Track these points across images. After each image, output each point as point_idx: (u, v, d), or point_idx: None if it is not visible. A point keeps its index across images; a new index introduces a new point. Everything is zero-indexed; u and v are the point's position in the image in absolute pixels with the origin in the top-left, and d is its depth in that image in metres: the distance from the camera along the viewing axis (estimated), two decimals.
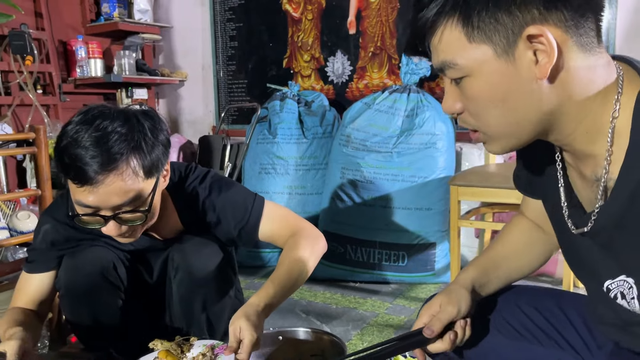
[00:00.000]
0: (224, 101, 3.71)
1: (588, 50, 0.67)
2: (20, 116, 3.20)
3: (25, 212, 2.07)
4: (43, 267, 1.37)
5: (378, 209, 2.60)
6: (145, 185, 1.17)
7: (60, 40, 3.48)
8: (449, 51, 0.70)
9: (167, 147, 1.23)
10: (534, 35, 0.65)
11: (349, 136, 2.72)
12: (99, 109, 1.17)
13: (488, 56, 0.67)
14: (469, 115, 0.74)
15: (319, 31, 3.28)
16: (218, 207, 1.36)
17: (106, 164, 1.09)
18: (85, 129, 1.10)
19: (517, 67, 0.67)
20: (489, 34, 0.66)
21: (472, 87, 0.70)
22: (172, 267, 1.41)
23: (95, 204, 1.13)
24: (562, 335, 0.92)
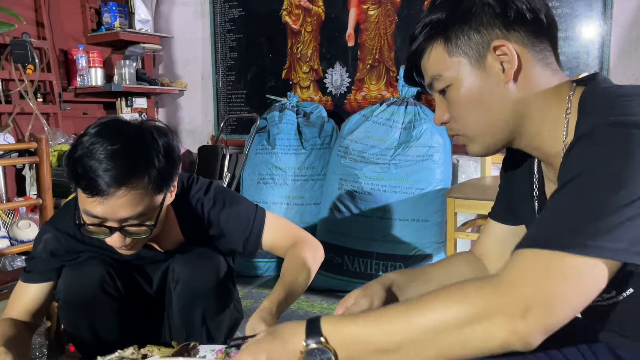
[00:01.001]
0: (223, 111, 3.73)
1: (546, 65, 0.83)
2: (21, 124, 3.22)
3: (25, 221, 2.08)
4: (41, 278, 1.37)
5: (375, 220, 2.62)
6: (154, 201, 1.18)
7: (61, 49, 3.51)
8: (435, 66, 0.86)
9: (178, 164, 1.25)
10: (498, 47, 0.80)
11: (347, 147, 2.75)
12: (115, 122, 1.18)
13: (465, 66, 0.83)
14: (454, 121, 0.88)
15: (318, 43, 3.31)
16: (222, 219, 1.38)
17: (119, 177, 1.10)
18: (101, 141, 1.12)
19: (488, 74, 0.82)
20: (464, 49, 0.82)
21: (455, 94, 0.85)
22: (173, 279, 1.42)
23: (103, 215, 1.14)
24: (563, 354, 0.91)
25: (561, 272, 0.64)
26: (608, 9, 2.52)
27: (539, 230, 0.70)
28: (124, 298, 1.41)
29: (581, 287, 0.65)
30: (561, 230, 0.66)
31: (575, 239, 0.65)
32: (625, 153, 0.66)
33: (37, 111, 3.11)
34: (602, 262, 0.64)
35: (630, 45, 2.50)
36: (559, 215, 0.68)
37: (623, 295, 0.79)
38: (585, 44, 2.59)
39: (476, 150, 0.89)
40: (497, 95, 0.82)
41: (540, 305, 0.64)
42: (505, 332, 0.64)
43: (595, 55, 2.57)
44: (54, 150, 3.12)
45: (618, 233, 0.64)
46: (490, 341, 0.65)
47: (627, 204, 0.64)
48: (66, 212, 1.35)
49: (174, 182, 1.25)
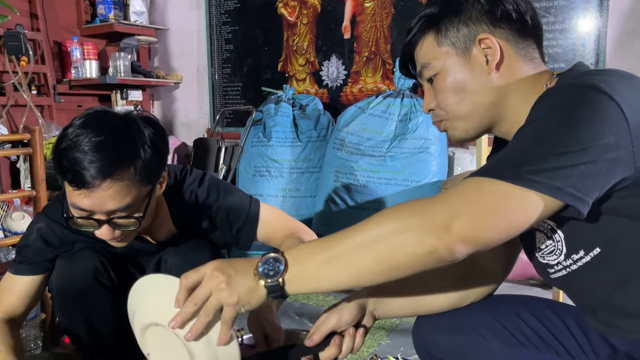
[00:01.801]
0: (218, 104, 3.72)
1: (529, 60, 0.88)
2: (15, 117, 3.20)
3: (19, 213, 2.07)
4: (33, 269, 1.35)
5: (371, 213, 2.60)
6: (141, 192, 1.17)
7: (55, 41, 3.48)
8: (425, 56, 0.91)
9: (166, 155, 1.24)
10: (483, 39, 0.86)
11: (342, 140, 2.74)
12: (101, 113, 1.17)
13: (451, 56, 0.88)
14: (439, 108, 0.92)
15: (314, 35, 3.30)
16: (216, 211, 1.37)
17: (104, 169, 1.09)
18: (85, 133, 1.10)
19: (472, 65, 0.88)
20: (452, 40, 0.88)
21: (441, 82, 0.90)
22: (165, 269, 1.41)
23: (90, 207, 1.13)
24: (559, 341, 0.93)
25: (490, 193, 0.70)
26: (604, 1, 2.52)
27: (484, 166, 0.76)
28: (118, 289, 1.41)
29: (507, 211, 0.70)
30: (504, 164, 0.72)
31: (512, 171, 0.70)
32: (579, 106, 0.71)
33: (31, 103, 3.09)
34: (534, 194, 0.69)
35: (627, 37, 2.50)
36: (507, 152, 0.74)
37: (591, 255, 0.81)
38: (582, 36, 2.59)
39: (457, 134, 0.93)
40: (480, 83, 0.87)
41: (465, 217, 0.69)
42: (432, 237, 0.69)
43: (591, 48, 2.56)
44: (48, 142, 3.10)
45: (556, 173, 0.68)
46: (419, 246, 0.70)
47: (571, 151, 0.69)
48: (59, 203, 1.34)
49: (162, 173, 1.24)
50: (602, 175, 0.70)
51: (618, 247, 0.79)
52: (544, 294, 2.36)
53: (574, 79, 0.79)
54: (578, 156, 0.68)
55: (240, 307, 0.76)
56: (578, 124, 0.70)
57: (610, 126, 0.70)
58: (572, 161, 0.68)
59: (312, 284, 0.75)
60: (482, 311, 0.99)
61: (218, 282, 0.75)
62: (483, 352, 0.96)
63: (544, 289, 2.43)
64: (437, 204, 0.71)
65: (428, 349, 1.02)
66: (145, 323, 0.85)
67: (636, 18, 2.47)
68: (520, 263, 1.04)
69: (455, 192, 0.72)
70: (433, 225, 0.69)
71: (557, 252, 0.86)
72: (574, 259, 0.84)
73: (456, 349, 0.97)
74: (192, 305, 0.76)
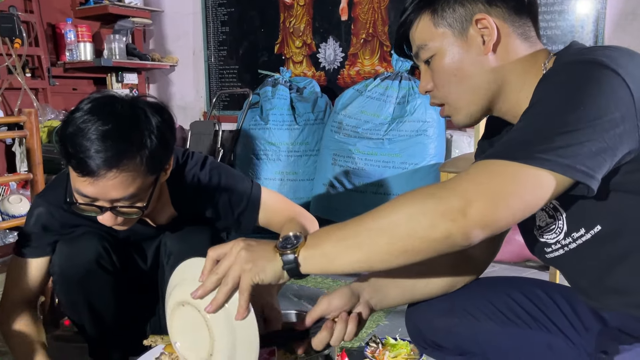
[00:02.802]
0: (215, 87, 3.69)
1: (525, 39, 0.88)
2: (9, 100, 3.17)
3: (16, 196, 2.07)
4: (36, 253, 1.35)
5: (369, 195, 2.62)
6: (146, 182, 1.16)
7: (49, 23, 3.44)
8: (421, 37, 0.90)
9: (173, 144, 1.22)
10: (479, 20, 0.85)
11: (340, 123, 2.73)
12: (108, 98, 1.15)
13: (448, 37, 0.88)
14: (437, 90, 0.92)
15: (311, 17, 3.27)
16: (218, 194, 1.37)
17: (110, 160, 1.07)
18: (93, 120, 1.08)
19: (469, 45, 0.87)
20: (449, 21, 0.87)
21: (439, 63, 0.89)
22: (165, 253, 1.42)
23: (94, 195, 1.13)
24: (550, 319, 0.94)
25: (503, 175, 0.70)
26: None
27: (495, 147, 0.75)
28: (120, 273, 1.41)
29: (521, 192, 0.70)
30: (515, 144, 0.72)
31: (523, 151, 0.70)
32: (581, 81, 0.72)
33: (25, 86, 3.07)
34: (545, 172, 0.69)
35: (626, 19, 2.48)
36: (515, 133, 0.74)
37: (591, 233, 0.82)
38: (580, 17, 2.57)
39: (461, 119, 0.92)
40: (477, 65, 0.87)
41: (480, 200, 0.69)
42: (447, 221, 0.69)
43: (590, 29, 2.55)
44: (44, 126, 3.08)
45: (565, 150, 0.68)
46: (433, 230, 0.70)
47: (580, 128, 0.69)
48: (58, 185, 1.33)
49: (167, 162, 1.23)
50: (610, 151, 0.70)
51: (619, 223, 0.79)
52: (540, 275, 2.38)
53: (575, 56, 0.78)
54: (586, 133, 0.68)
55: (255, 274, 0.77)
56: (584, 100, 0.70)
57: (616, 101, 0.70)
58: (580, 138, 0.68)
59: (326, 263, 0.76)
60: (473, 293, 1.00)
61: (239, 249, 0.77)
62: (476, 332, 0.97)
63: (540, 271, 2.45)
64: (451, 188, 0.71)
65: (422, 332, 1.03)
66: (173, 303, 0.86)
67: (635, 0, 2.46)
68: (517, 245, 1.05)
69: (468, 176, 0.72)
70: (447, 209, 0.69)
71: (557, 230, 0.87)
72: (574, 237, 0.85)
73: (449, 331, 0.98)
74: (214, 275, 0.78)
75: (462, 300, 0.98)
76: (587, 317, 0.92)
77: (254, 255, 0.77)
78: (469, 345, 0.98)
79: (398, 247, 0.72)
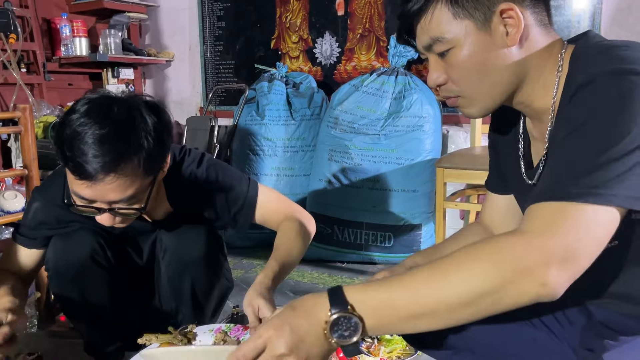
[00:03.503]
0: (211, 82, 3.68)
1: (543, 26, 0.84)
2: (5, 95, 3.16)
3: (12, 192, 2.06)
4: (31, 244, 1.38)
5: (365, 191, 2.62)
6: (144, 183, 1.16)
7: (44, 18, 3.42)
8: (437, 28, 0.82)
9: (169, 143, 1.22)
10: (504, 10, 0.79)
11: (337, 118, 2.73)
12: (104, 99, 1.14)
13: (470, 29, 0.81)
14: (452, 83, 0.86)
15: (307, 12, 3.26)
16: (214, 192, 1.37)
17: (107, 164, 1.07)
18: (90, 123, 1.08)
19: (492, 37, 0.81)
20: (470, 11, 0.80)
21: (457, 57, 0.83)
22: (161, 249, 1.42)
23: (92, 197, 1.13)
24: (534, 313, 0.95)
25: (578, 222, 0.66)
26: None
27: (551, 183, 0.71)
28: (115, 268, 1.41)
29: (598, 235, 0.67)
30: (573, 180, 0.68)
31: (587, 189, 0.66)
32: (626, 100, 0.68)
33: (20, 81, 3.05)
34: (614, 209, 0.67)
35: (622, 14, 2.48)
36: (569, 165, 0.70)
37: (608, 246, 0.80)
38: (577, 12, 2.57)
39: (474, 112, 0.88)
40: (501, 58, 0.81)
41: (564, 256, 0.65)
42: (536, 286, 0.65)
43: (586, 25, 2.55)
44: (39, 121, 3.07)
45: (626, 180, 0.66)
46: (522, 297, 0.66)
47: (632, 151, 0.66)
48: (55, 181, 1.33)
49: (165, 162, 1.23)
50: None
51: (633, 239, 0.79)
52: None
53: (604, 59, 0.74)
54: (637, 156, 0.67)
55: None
56: (634, 121, 0.67)
57: None
58: (633, 161, 0.66)
59: (391, 332, 0.72)
60: None
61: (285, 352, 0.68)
62: (462, 328, 0.96)
63: None
64: (526, 245, 0.66)
65: None
66: None
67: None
68: None
69: (543, 228, 0.67)
70: (534, 274, 0.65)
71: None
72: None
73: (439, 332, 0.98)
74: None
75: None
76: (571, 311, 0.92)
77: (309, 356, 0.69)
78: (456, 341, 0.99)
79: (481, 316, 0.68)
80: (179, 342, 1.13)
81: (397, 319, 0.68)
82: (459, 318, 0.68)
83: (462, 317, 0.68)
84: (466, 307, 0.67)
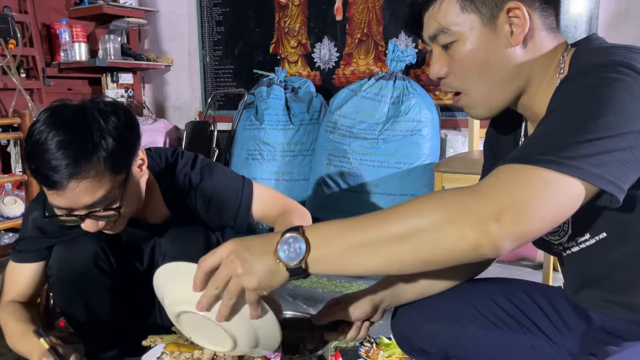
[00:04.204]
0: (210, 87, 3.69)
1: (550, 30, 0.84)
2: (4, 100, 3.17)
3: (11, 198, 2.07)
4: (33, 257, 1.36)
5: (364, 195, 2.63)
6: (114, 182, 1.16)
7: (43, 23, 3.43)
8: (444, 19, 0.83)
9: (134, 139, 1.22)
10: (511, 9, 0.79)
11: (335, 123, 2.74)
12: (58, 108, 1.15)
13: (476, 24, 0.81)
14: (453, 78, 0.86)
15: (306, 17, 3.27)
16: (211, 192, 1.38)
17: (67, 168, 1.09)
18: (46, 132, 1.10)
19: (497, 34, 0.81)
20: (478, 6, 0.80)
21: (460, 50, 0.83)
22: (160, 253, 1.42)
23: (66, 205, 1.14)
24: (533, 321, 0.95)
25: (534, 183, 0.66)
26: None
27: (519, 150, 0.71)
28: (116, 273, 1.42)
29: (553, 201, 0.66)
30: (541, 149, 0.68)
31: (553, 157, 0.66)
32: (609, 86, 0.68)
33: (20, 87, 3.06)
34: (576, 181, 0.66)
35: (619, 19, 2.50)
36: (541, 137, 0.71)
37: (595, 239, 0.82)
38: (574, 17, 2.59)
39: (479, 113, 0.88)
40: (503, 57, 0.81)
41: (512, 210, 0.64)
42: (477, 232, 0.65)
43: (583, 30, 2.56)
44: None
45: (595, 159, 0.65)
46: (462, 241, 0.66)
47: (609, 136, 0.66)
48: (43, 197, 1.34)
49: (134, 159, 1.23)
50: (637, 162, 0.67)
51: (624, 233, 0.79)
52: (534, 274, 2.39)
53: (600, 56, 0.75)
54: (615, 142, 0.66)
55: (262, 290, 0.73)
56: (613, 107, 0.67)
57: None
58: (609, 147, 0.66)
59: (336, 267, 0.72)
60: (456, 297, 1.00)
61: (235, 266, 0.73)
62: (460, 337, 0.97)
63: (534, 270, 2.46)
64: (480, 196, 0.67)
65: (407, 338, 1.04)
66: (175, 312, 0.86)
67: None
68: None
69: (496, 182, 0.68)
70: (477, 219, 0.65)
71: (562, 233, 0.86)
72: (578, 242, 0.85)
73: (434, 337, 0.99)
74: (214, 289, 0.75)
75: (446, 305, 0.99)
76: (569, 317, 0.93)
77: (253, 269, 0.72)
78: (454, 350, 0.99)
79: (420, 257, 0.68)
80: (184, 342, 1.13)
81: (341, 248, 0.70)
82: (398, 252, 0.68)
83: (401, 251, 0.68)
84: (404, 240, 0.68)
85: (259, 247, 0.74)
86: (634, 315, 0.82)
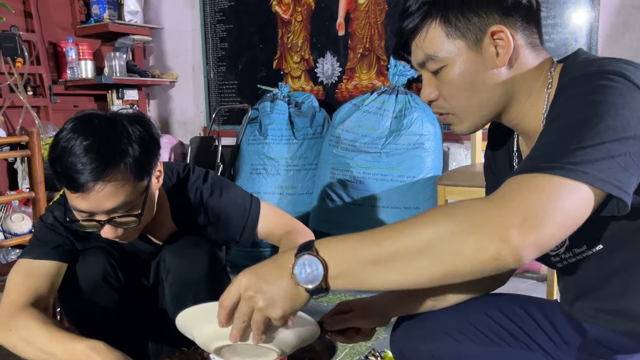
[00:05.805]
0: (214, 102, 3.73)
1: (533, 47, 0.86)
2: (11, 118, 3.21)
3: (19, 215, 2.09)
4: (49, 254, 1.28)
5: (367, 209, 2.64)
6: (137, 189, 1.20)
7: (50, 41, 3.48)
8: (431, 47, 0.85)
9: (157, 149, 1.26)
10: (495, 32, 0.82)
11: (338, 137, 2.76)
12: (87, 116, 1.20)
13: (462, 49, 0.83)
14: (443, 100, 0.89)
15: (309, 32, 3.31)
16: (220, 207, 1.40)
17: (95, 172, 1.12)
18: (75, 137, 1.14)
19: (483, 57, 0.83)
20: (463, 31, 0.83)
21: (449, 75, 0.85)
22: (164, 269, 1.43)
23: (89, 209, 1.16)
24: (529, 336, 0.96)
25: (546, 190, 0.65)
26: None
27: (526, 163, 0.71)
28: (125, 288, 1.43)
29: (566, 205, 0.65)
30: (545, 158, 0.68)
31: (557, 164, 0.66)
32: (604, 92, 0.70)
33: (27, 104, 3.10)
34: (584, 185, 0.65)
35: (618, 31, 2.52)
36: (544, 147, 0.71)
37: (592, 251, 0.83)
38: (574, 30, 2.61)
39: (463, 129, 0.90)
40: (490, 78, 0.84)
41: (531, 218, 0.63)
42: (497, 242, 0.63)
43: (583, 42, 2.58)
44: (45, 143, 3.11)
45: (599, 164, 0.66)
46: (482, 251, 0.64)
47: (608, 141, 0.66)
48: (62, 204, 1.35)
49: (155, 168, 1.26)
50: (636, 167, 0.68)
51: (619, 244, 0.80)
52: (538, 286, 2.39)
53: (591, 66, 0.77)
54: (615, 147, 0.66)
55: (288, 316, 0.73)
56: (609, 112, 0.68)
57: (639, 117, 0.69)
58: (611, 152, 0.66)
59: (355, 284, 0.70)
60: (454, 315, 1.00)
61: (256, 300, 0.71)
62: (457, 354, 0.98)
63: (539, 282, 2.46)
64: (496, 205, 0.65)
65: (406, 357, 1.04)
66: (212, 349, 0.85)
67: (627, 11, 2.49)
68: None
69: (509, 192, 0.67)
70: (497, 229, 0.63)
71: (559, 244, 0.86)
72: (575, 253, 0.86)
73: (432, 355, 0.99)
74: (241, 322, 0.73)
75: (443, 323, 0.99)
76: (565, 331, 0.94)
77: (274, 299, 0.71)
78: None
79: (441, 270, 0.66)
80: None
81: (359, 264, 0.69)
82: (419, 267, 0.66)
83: (422, 266, 0.66)
84: (425, 254, 0.66)
85: (273, 273, 0.72)
86: (626, 324, 0.83)
